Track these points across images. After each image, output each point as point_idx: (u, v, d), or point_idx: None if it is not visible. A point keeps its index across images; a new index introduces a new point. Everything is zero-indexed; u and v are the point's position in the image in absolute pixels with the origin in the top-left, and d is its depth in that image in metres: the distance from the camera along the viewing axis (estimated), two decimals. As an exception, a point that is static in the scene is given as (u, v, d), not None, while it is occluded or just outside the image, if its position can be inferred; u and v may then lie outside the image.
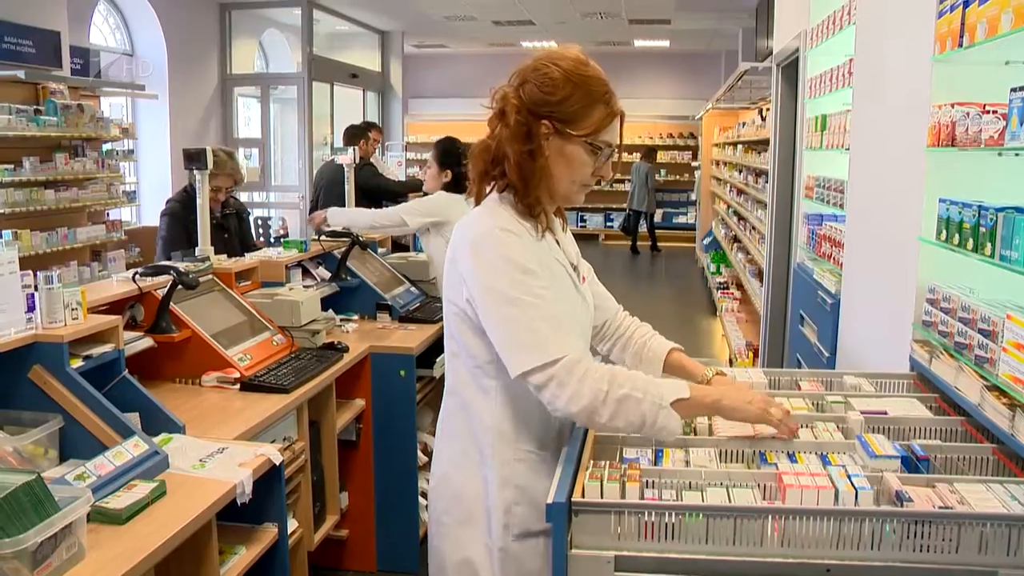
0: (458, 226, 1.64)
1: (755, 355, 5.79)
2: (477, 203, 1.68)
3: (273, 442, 2.50)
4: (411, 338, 3.47)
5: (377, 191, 6.22)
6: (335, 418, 3.08)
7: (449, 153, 4.02)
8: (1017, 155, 1.81)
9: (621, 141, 1.66)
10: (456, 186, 3.98)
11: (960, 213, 1.91)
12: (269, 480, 2.20)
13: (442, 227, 3.87)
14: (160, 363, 2.77)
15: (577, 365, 1.49)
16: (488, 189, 1.67)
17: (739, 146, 8.59)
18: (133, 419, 2.19)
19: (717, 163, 11.20)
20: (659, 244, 14.46)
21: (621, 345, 1.94)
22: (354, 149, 4.67)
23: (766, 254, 5.20)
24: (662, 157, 15.94)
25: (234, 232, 4.20)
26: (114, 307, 2.60)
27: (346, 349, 3.20)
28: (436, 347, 3.59)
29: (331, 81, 11.94)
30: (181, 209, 3.96)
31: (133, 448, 2.02)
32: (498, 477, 1.63)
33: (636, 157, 14.42)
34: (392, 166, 8.47)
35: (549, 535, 1.61)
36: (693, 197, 14.25)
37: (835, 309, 3.26)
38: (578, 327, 1.66)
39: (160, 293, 2.72)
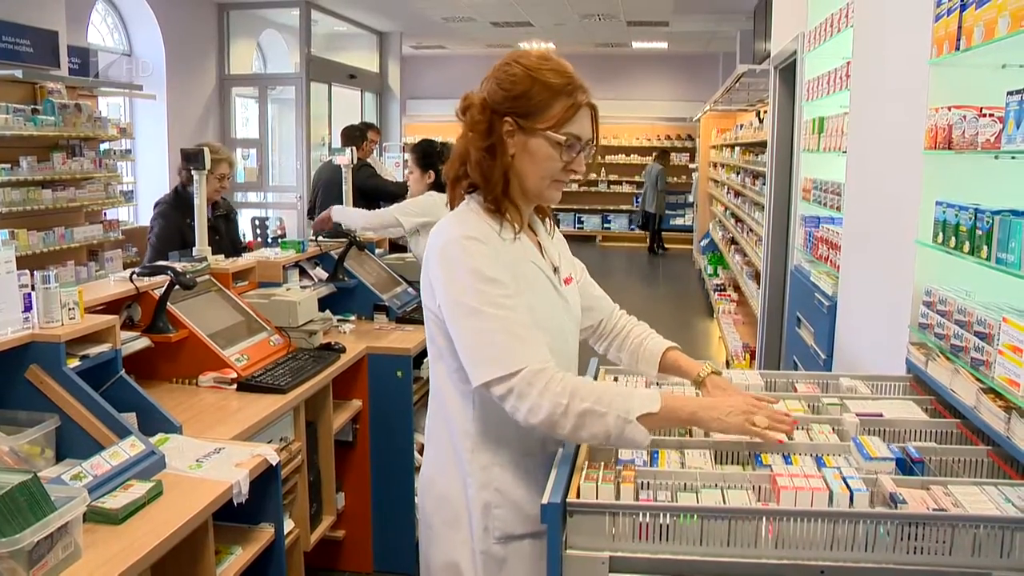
0: (431, 232, 1.63)
1: (752, 357, 5.80)
2: (452, 207, 1.67)
3: (270, 442, 2.50)
4: (408, 339, 3.47)
5: (375, 192, 6.21)
6: (332, 418, 3.08)
7: (428, 154, 4.01)
8: (1014, 158, 1.81)
9: (596, 136, 1.64)
10: (441, 186, 3.96)
11: (957, 216, 1.92)
12: (265, 480, 2.20)
13: (431, 227, 3.85)
14: (157, 363, 2.77)
15: (537, 376, 1.46)
16: (461, 192, 1.66)
17: (737, 148, 8.59)
18: (130, 419, 2.19)
19: (715, 165, 11.21)
20: (655, 247, 14.60)
21: (617, 344, 1.93)
22: (352, 150, 4.67)
23: (763, 256, 5.21)
24: (658, 159, 15.98)
25: (224, 234, 4.21)
26: (111, 307, 2.60)
27: (343, 350, 3.20)
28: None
29: (329, 82, 11.94)
30: (172, 211, 3.98)
31: (130, 448, 2.02)
32: (477, 481, 1.62)
33: (648, 159, 14.58)
34: (389, 167, 8.47)
35: (533, 538, 1.62)
36: (691, 199, 14.29)
37: (832, 311, 3.27)
38: (554, 332, 1.64)
39: (157, 293, 2.72)
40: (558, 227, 1.85)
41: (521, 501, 1.62)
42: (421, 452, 3.49)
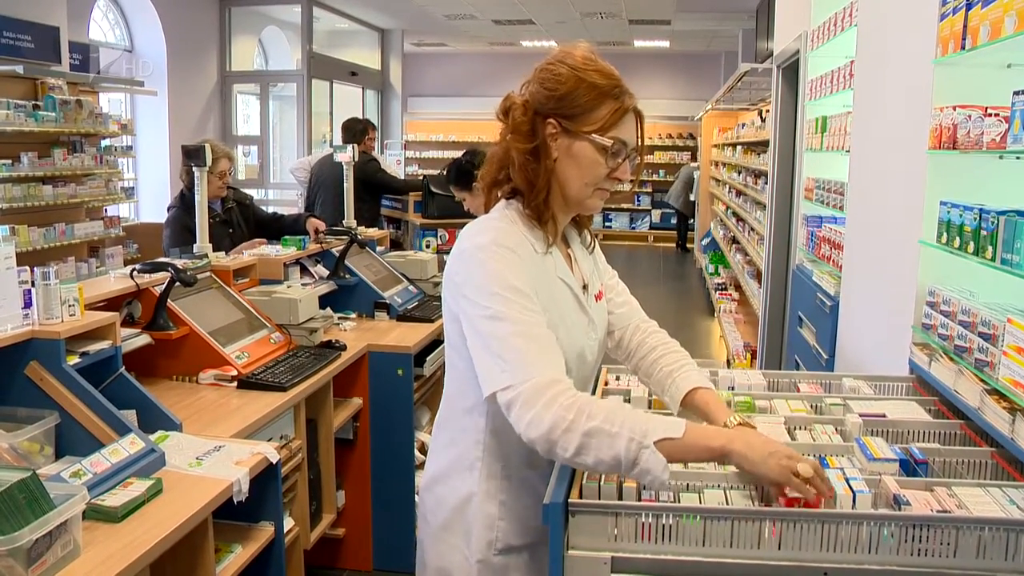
0: (461, 234, 1.57)
1: (753, 357, 5.79)
2: (486, 211, 1.62)
3: (270, 440, 2.49)
4: (409, 337, 3.47)
5: (382, 187, 6.21)
6: (332, 416, 3.07)
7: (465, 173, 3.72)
8: (1019, 158, 1.81)
9: (642, 142, 1.58)
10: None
11: (961, 216, 1.91)
12: (266, 478, 2.20)
13: None
14: (157, 360, 2.76)
15: (548, 387, 1.36)
16: (498, 195, 1.61)
17: (738, 147, 8.58)
18: (130, 416, 2.18)
19: (716, 164, 11.20)
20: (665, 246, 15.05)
21: (644, 368, 1.75)
22: (354, 146, 4.66)
23: (765, 255, 5.20)
24: (660, 157, 15.98)
25: (239, 224, 4.20)
26: (111, 304, 2.59)
27: (344, 347, 3.19)
28: (433, 346, 3.58)
29: (330, 79, 11.94)
30: (183, 214, 3.96)
31: (129, 445, 2.02)
32: (483, 491, 1.59)
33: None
34: (391, 164, 8.46)
35: (532, 550, 1.60)
36: (692, 198, 14.30)
37: (834, 311, 3.26)
38: (573, 351, 1.56)
39: (158, 290, 2.72)
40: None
41: (523, 514, 1.59)
42: (422, 450, 3.49)
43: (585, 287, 1.65)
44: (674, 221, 15.17)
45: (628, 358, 1.79)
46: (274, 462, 2.21)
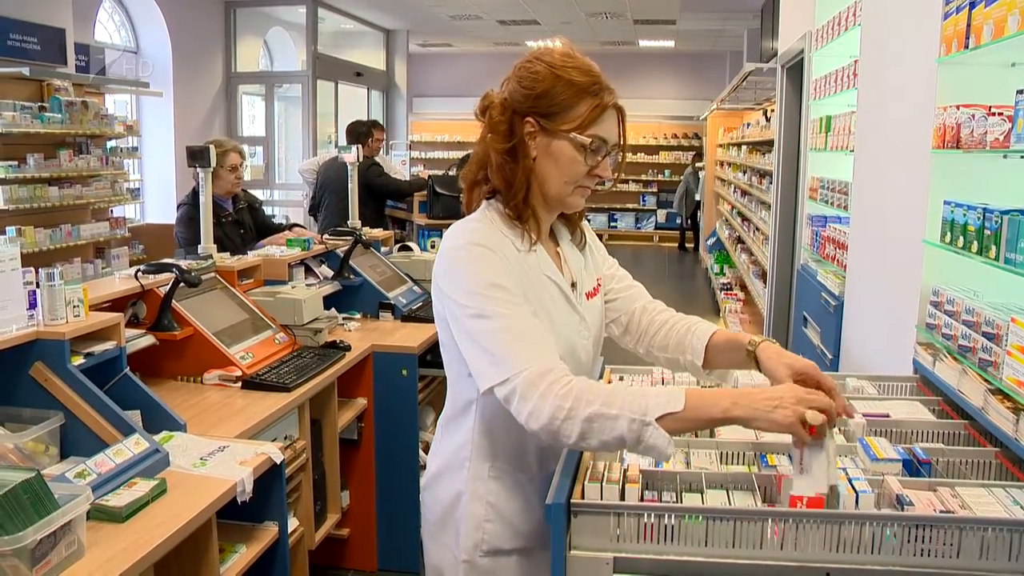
0: (444, 236, 1.56)
1: (758, 356, 5.77)
2: (468, 211, 1.61)
3: (274, 440, 2.50)
4: (413, 337, 3.47)
5: (384, 190, 6.21)
6: (336, 417, 3.07)
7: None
8: (1022, 157, 1.80)
9: (624, 139, 1.56)
10: None
11: (965, 215, 1.90)
12: (270, 479, 2.20)
13: None
14: (162, 361, 2.77)
15: (541, 378, 1.36)
16: (480, 195, 1.59)
17: (743, 147, 8.58)
18: (134, 417, 2.18)
19: (721, 164, 11.20)
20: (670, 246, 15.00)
21: (659, 343, 1.72)
22: (358, 148, 4.66)
23: (770, 255, 5.20)
24: (665, 157, 15.96)
25: (249, 226, 4.21)
26: (116, 304, 2.60)
27: (348, 348, 3.19)
28: (438, 346, 3.58)
29: (336, 79, 11.95)
30: (196, 210, 3.96)
31: (134, 446, 2.02)
32: (471, 491, 1.59)
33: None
34: (396, 165, 8.47)
35: (521, 554, 1.59)
36: (697, 198, 14.31)
37: (838, 311, 3.26)
38: (563, 348, 1.54)
39: (162, 291, 2.73)
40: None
41: (512, 517, 1.58)
42: (426, 450, 3.49)
43: (574, 285, 1.64)
44: (678, 221, 15.18)
45: (639, 341, 1.76)
46: (278, 462, 2.21)
